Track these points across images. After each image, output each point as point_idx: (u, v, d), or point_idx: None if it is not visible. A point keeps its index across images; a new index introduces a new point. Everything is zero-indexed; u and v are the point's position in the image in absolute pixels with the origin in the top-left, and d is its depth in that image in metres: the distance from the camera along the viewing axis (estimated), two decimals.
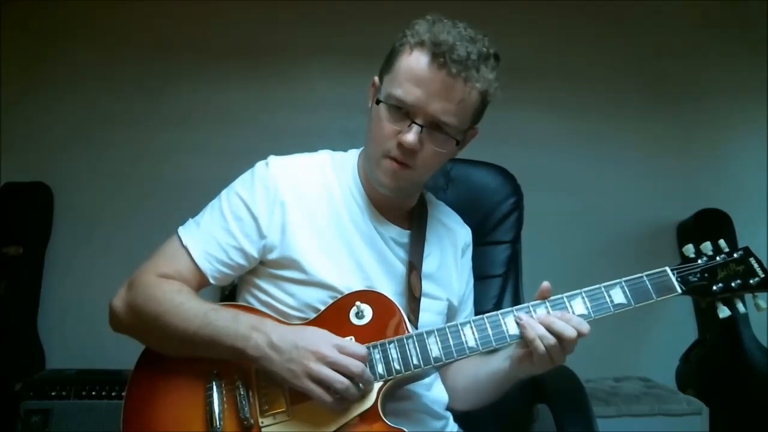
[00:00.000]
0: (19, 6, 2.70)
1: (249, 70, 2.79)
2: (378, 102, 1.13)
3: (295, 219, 1.17)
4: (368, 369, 1.04)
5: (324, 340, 1.03)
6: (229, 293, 1.35)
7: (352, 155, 1.28)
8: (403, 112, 1.10)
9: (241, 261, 1.18)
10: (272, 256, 1.17)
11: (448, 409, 1.27)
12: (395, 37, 1.18)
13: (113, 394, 2.20)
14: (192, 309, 1.08)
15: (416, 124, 1.09)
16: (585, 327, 1.05)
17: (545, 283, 1.11)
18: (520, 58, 1.17)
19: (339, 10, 2.79)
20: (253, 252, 1.17)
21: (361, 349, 1.04)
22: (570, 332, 1.04)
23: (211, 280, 1.18)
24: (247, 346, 1.03)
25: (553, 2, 2.84)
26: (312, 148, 1.30)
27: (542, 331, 1.05)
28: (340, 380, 1.00)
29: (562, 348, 1.05)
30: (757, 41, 2.90)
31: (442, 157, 1.16)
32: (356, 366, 1.01)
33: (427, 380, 1.21)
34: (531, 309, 1.10)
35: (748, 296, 1.13)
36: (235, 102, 2.80)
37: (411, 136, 1.09)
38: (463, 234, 1.37)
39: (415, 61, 1.10)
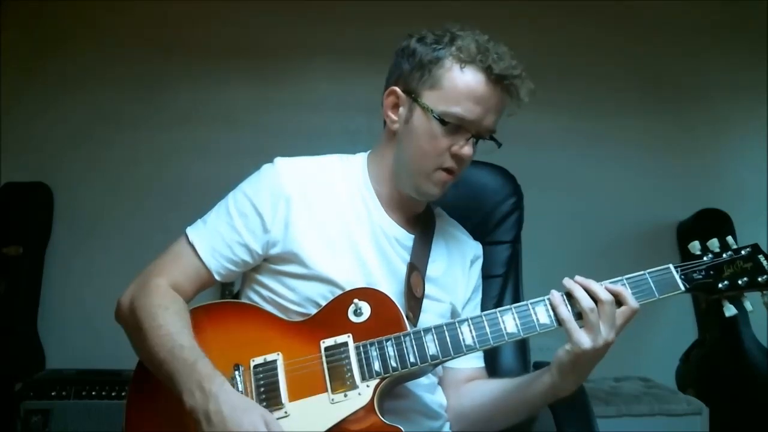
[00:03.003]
0: (19, 6, 2.71)
1: (249, 70, 2.80)
2: (444, 123, 1.13)
3: (299, 214, 1.17)
4: None
5: None
6: (232, 295, 1.35)
7: (361, 157, 1.29)
8: (456, 125, 1.13)
9: (246, 257, 1.18)
10: (275, 251, 1.17)
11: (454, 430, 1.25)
12: (396, 37, 1.19)
13: (113, 394, 2.21)
14: (164, 337, 1.06)
15: (473, 137, 1.15)
16: (633, 301, 1.06)
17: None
18: (520, 58, 1.17)
19: (339, 10, 2.79)
20: (257, 248, 1.18)
21: None
22: (605, 295, 1.04)
23: (216, 276, 1.18)
24: (187, 401, 1.00)
25: (553, 2, 2.84)
26: (313, 148, 1.31)
27: (580, 292, 1.05)
28: None
29: (601, 316, 1.04)
30: (757, 41, 2.90)
31: None
32: None
33: (426, 381, 1.21)
34: (530, 307, 1.09)
35: (755, 294, 1.09)
36: (236, 102, 2.80)
37: (470, 149, 1.15)
38: (473, 246, 1.37)
39: (472, 80, 1.12)
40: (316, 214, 1.18)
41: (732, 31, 2.99)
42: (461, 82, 1.12)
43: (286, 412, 1.06)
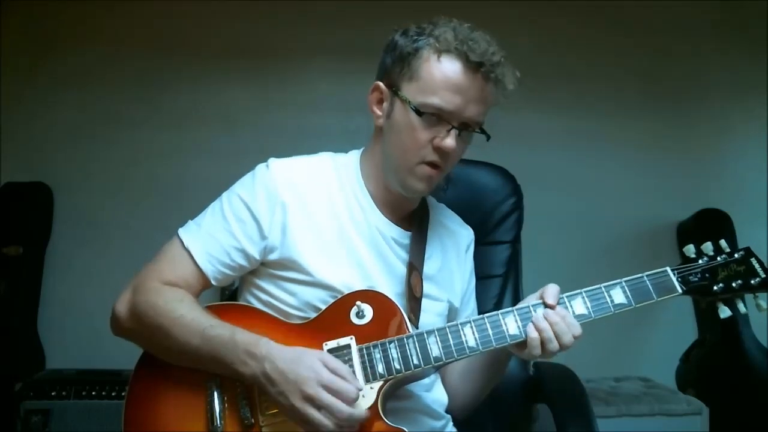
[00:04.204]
0: (19, 6, 2.70)
1: (249, 70, 2.80)
2: (420, 114, 1.11)
3: (296, 220, 1.17)
4: (356, 409, 1.02)
5: (313, 378, 1.00)
6: (230, 295, 1.35)
7: (353, 156, 1.28)
8: (437, 117, 1.12)
9: (243, 262, 1.18)
10: (273, 257, 1.17)
11: (448, 411, 1.26)
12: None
13: (113, 394, 2.20)
14: (191, 323, 1.08)
15: (454, 128, 1.12)
16: (577, 330, 1.06)
17: (554, 287, 1.11)
18: (519, 57, 1.16)
19: (339, 10, 2.79)
20: (255, 253, 1.17)
21: (349, 389, 1.01)
22: (568, 340, 1.05)
23: (213, 281, 1.18)
24: (245, 372, 1.04)
25: (553, 2, 2.84)
26: (312, 148, 1.30)
27: (548, 333, 1.05)
28: (324, 424, 0.99)
29: (559, 348, 1.06)
30: (757, 41, 2.90)
31: (464, 153, 1.19)
32: (340, 412, 0.99)
33: (427, 381, 1.22)
34: (531, 309, 1.10)
35: (749, 296, 1.12)
36: (235, 102, 2.80)
37: (451, 141, 1.12)
38: (465, 235, 1.37)
39: (448, 69, 1.10)
40: (313, 218, 1.18)
41: (732, 31, 2.99)
42: (438, 71, 1.11)
43: None
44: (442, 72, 1.10)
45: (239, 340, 1.05)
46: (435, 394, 1.24)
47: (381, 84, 1.18)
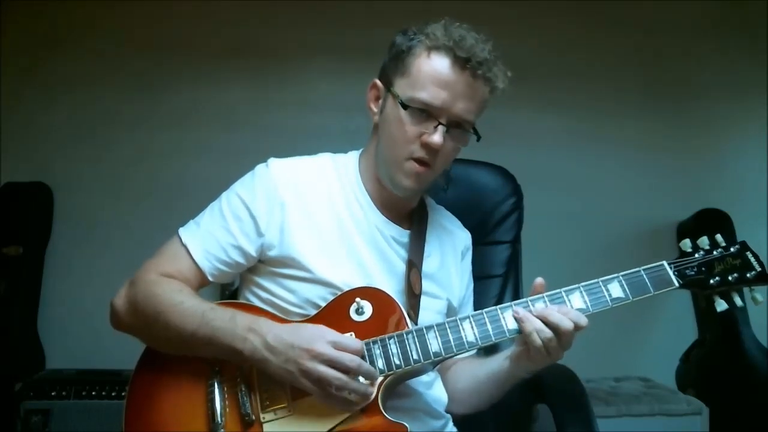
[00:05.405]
0: (19, 6, 2.70)
1: (249, 70, 2.80)
2: (405, 107, 1.13)
3: (295, 218, 1.17)
4: (367, 362, 1.05)
5: (319, 338, 1.02)
6: (231, 294, 1.36)
7: (353, 156, 1.29)
8: (425, 113, 1.13)
9: (240, 259, 1.19)
10: (271, 254, 1.17)
11: (447, 411, 1.27)
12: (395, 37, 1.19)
13: (113, 394, 2.20)
14: (190, 308, 1.09)
15: (442, 124, 1.12)
16: (583, 320, 1.06)
17: (538, 279, 1.11)
18: (519, 57, 1.16)
19: (339, 10, 2.79)
20: (252, 251, 1.18)
21: (356, 343, 1.05)
22: (567, 324, 1.04)
23: (210, 278, 1.19)
24: (244, 348, 1.04)
25: (553, 2, 2.84)
26: (312, 148, 1.31)
27: (539, 324, 1.05)
28: (337, 376, 1.00)
29: (559, 342, 1.05)
30: (757, 41, 2.90)
31: (457, 153, 1.19)
32: (352, 360, 1.01)
33: (427, 379, 1.22)
34: (529, 303, 1.10)
35: (745, 290, 1.13)
36: (235, 102, 2.80)
37: (437, 137, 1.12)
38: (463, 237, 1.37)
39: (437, 64, 1.12)
40: (313, 218, 1.19)
41: (732, 31, 2.99)
42: (427, 66, 1.12)
43: (290, 411, 1.06)
44: (431, 67, 1.12)
45: (239, 319, 1.06)
46: (435, 392, 1.24)
47: (378, 81, 1.21)
